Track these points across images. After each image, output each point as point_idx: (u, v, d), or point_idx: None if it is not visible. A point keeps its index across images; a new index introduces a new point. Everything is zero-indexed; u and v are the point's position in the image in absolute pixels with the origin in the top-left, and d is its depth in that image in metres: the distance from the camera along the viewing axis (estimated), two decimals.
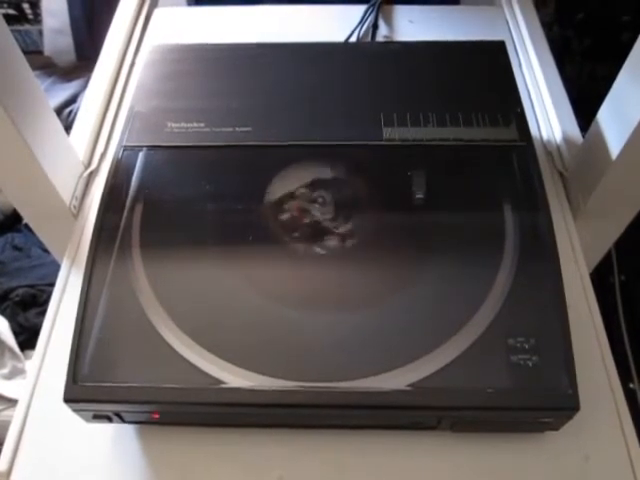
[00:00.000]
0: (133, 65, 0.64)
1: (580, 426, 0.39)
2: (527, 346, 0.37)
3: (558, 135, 0.56)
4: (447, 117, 0.48)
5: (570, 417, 0.37)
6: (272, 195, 0.45)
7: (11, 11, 1.08)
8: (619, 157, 0.45)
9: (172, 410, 0.38)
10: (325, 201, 0.44)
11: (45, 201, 0.50)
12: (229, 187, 0.46)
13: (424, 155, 0.46)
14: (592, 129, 0.50)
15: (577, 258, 0.48)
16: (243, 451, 0.40)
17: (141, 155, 0.46)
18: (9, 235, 1.06)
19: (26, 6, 1.08)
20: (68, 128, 0.54)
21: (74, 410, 0.38)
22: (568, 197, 0.53)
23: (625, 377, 0.79)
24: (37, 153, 0.45)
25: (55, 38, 1.09)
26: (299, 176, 0.46)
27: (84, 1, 1.07)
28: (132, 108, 0.49)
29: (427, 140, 0.47)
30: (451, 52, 0.54)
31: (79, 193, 0.53)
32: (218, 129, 0.48)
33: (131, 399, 0.37)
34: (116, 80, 0.62)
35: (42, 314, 0.47)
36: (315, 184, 0.45)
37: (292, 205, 0.44)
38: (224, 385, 0.36)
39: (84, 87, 1.06)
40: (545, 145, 0.56)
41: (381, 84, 0.51)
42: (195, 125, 0.48)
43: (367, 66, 0.53)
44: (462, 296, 0.39)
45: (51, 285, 0.49)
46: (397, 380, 0.36)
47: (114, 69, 0.63)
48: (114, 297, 0.39)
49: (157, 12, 0.70)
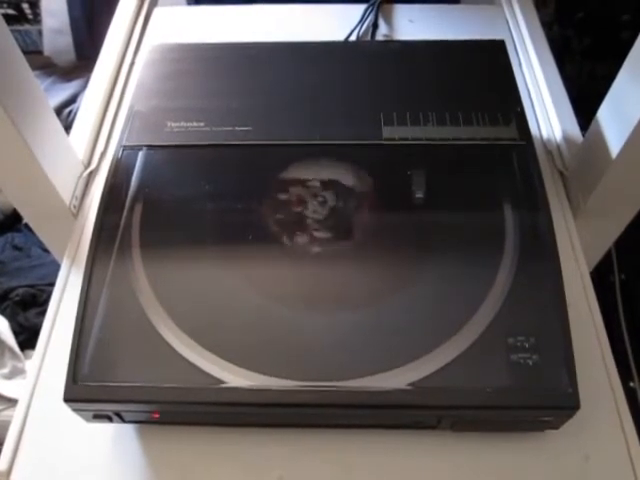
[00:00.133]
0: (133, 65, 0.64)
1: (580, 425, 0.39)
2: (527, 345, 0.37)
3: (558, 134, 0.56)
4: (447, 116, 0.48)
5: (570, 416, 0.37)
6: (287, 173, 0.45)
7: (11, 11, 1.08)
8: (619, 156, 0.45)
9: (172, 410, 0.38)
10: (325, 202, 0.44)
11: (45, 201, 0.50)
12: (229, 186, 0.46)
13: (424, 154, 0.46)
14: (592, 128, 0.50)
15: (577, 257, 0.48)
16: (243, 451, 0.40)
17: (141, 155, 0.46)
18: (9, 235, 1.06)
19: (26, 6, 1.08)
20: (68, 128, 0.54)
21: (74, 410, 0.38)
22: (568, 196, 0.53)
23: (625, 376, 0.79)
24: (37, 153, 0.45)
25: (55, 38, 1.09)
26: (325, 170, 0.46)
27: (84, 1, 1.07)
28: (132, 107, 0.49)
29: (427, 139, 0.47)
30: (451, 51, 0.54)
31: (79, 193, 0.53)
32: (218, 128, 0.48)
33: (131, 399, 0.37)
34: (116, 80, 0.62)
35: (42, 314, 0.47)
36: (329, 184, 0.45)
37: (295, 190, 0.44)
38: (224, 385, 0.36)
39: (84, 87, 1.05)
40: (545, 144, 0.56)
41: (381, 83, 0.51)
42: (195, 124, 0.48)
43: (367, 65, 0.53)
44: (462, 295, 0.39)
45: (51, 285, 0.49)
46: (397, 379, 0.36)
47: (114, 69, 0.63)
48: (114, 297, 0.39)
49: (157, 11, 0.70)
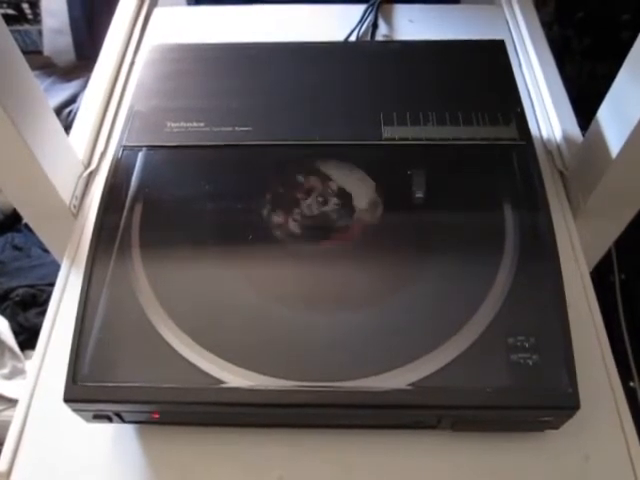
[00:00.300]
0: (133, 65, 0.64)
1: (580, 425, 0.39)
2: (527, 345, 0.37)
3: (558, 134, 0.56)
4: (447, 116, 0.48)
5: (570, 416, 0.37)
6: (323, 165, 0.45)
7: (10, 11, 1.08)
8: (619, 156, 0.45)
9: (172, 410, 0.38)
10: (324, 204, 0.44)
11: (45, 201, 0.50)
12: (229, 187, 0.46)
13: (424, 154, 0.46)
14: (592, 128, 0.50)
15: (577, 257, 0.48)
16: (243, 451, 0.40)
17: (141, 155, 0.46)
18: (9, 235, 1.06)
19: (25, 6, 1.08)
20: (68, 128, 0.54)
21: (74, 410, 0.38)
22: (568, 196, 0.52)
23: (625, 376, 0.79)
24: (37, 153, 0.45)
25: (54, 38, 1.09)
26: (350, 179, 0.45)
27: (84, 1, 1.07)
28: (132, 108, 0.49)
29: (427, 139, 0.47)
30: (451, 51, 0.54)
31: (79, 193, 0.53)
32: (218, 129, 0.48)
33: (131, 399, 0.37)
34: (116, 80, 0.62)
35: (42, 314, 0.47)
36: (341, 194, 0.44)
37: (312, 180, 0.44)
38: (224, 385, 0.36)
39: (84, 87, 1.05)
40: (545, 144, 0.56)
41: (381, 83, 0.51)
42: (195, 125, 0.48)
43: (367, 65, 0.53)
44: (462, 295, 0.39)
45: (51, 285, 0.49)
46: (397, 380, 0.36)
47: (114, 69, 0.63)
48: (114, 297, 0.39)
49: (157, 12, 0.70)
